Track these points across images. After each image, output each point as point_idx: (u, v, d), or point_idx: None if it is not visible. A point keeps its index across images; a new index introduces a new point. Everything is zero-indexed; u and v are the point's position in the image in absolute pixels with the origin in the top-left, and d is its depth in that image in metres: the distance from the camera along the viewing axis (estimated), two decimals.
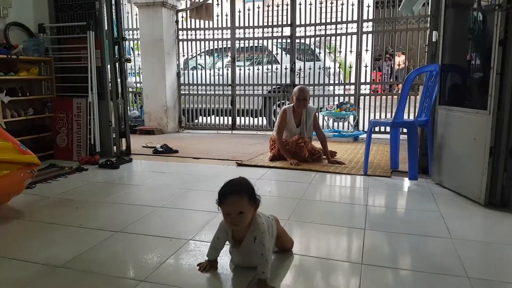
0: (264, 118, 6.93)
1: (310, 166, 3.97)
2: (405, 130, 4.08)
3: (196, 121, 7.21)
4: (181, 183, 3.42)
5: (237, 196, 1.60)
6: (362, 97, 6.29)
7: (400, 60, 10.57)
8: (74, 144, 4.30)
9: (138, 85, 7.62)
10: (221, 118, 6.99)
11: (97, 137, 4.31)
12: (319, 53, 6.64)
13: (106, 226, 2.37)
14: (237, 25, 6.67)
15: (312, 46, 6.63)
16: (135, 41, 7.56)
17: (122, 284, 1.70)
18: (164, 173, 3.85)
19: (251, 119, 6.88)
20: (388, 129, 5.94)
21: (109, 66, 4.39)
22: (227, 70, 6.90)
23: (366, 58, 6.60)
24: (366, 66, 6.31)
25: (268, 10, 6.79)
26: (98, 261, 1.92)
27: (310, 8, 6.32)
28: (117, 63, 4.45)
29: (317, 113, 4.49)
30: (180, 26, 6.97)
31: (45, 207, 2.77)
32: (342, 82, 6.52)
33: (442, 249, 2.07)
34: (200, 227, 2.33)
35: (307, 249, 2.07)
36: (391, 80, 6.77)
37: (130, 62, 5.94)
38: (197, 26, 6.90)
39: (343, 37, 6.19)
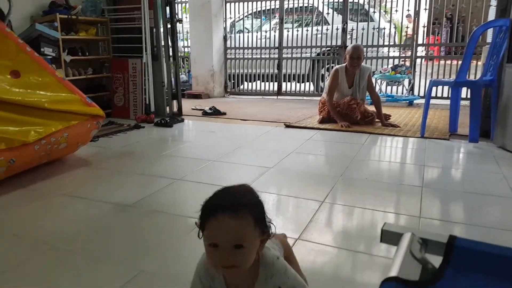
0: (311, 83, 6.90)
1: (362, 128, 3.96)
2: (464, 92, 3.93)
3: (242, 86, 7.32)
4: (231, 141, 3.57)
5: (234, 216, 0.84)
6: (418, 60, 6.06)
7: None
8: (130, 103, 4.57)
9: (186, 49, 7.81)
10: (267, 83, 7.04)
11: (152, 97, 4.55)
12: (374, 12, 6.42)
13: (166, 175, 2.57)
14: None
15: (366, 6, 6.42)
16: (183, 4, 7.69)
17: (184, 223, 1.88)
18: (214, 132, 4.02)
19: (298, 84, 6.87)
20: (446, 94, 5.72)
21: (161, 27, 4.55)
22: (274, 32, 6.88)
23: (424, 18, 6.29)
24: (424, 27, 6.03)
25: None
26: (162, 203, 2.12)
27: None
28: (168, 24, 4.60)
29: (371, 73, 4.42)
30: None
31: (109, 157, 3.04)
32: (397, 43, 6.30)
33: (507, 208, 2.05)
34: (252, 179, 2.46)
35: (363, 203, 2.13)
36: (451, 42, 6.40)
37: (181, 23, 6.07)
38: None
39: None
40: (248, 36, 7.04)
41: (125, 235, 1.78)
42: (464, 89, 4.07)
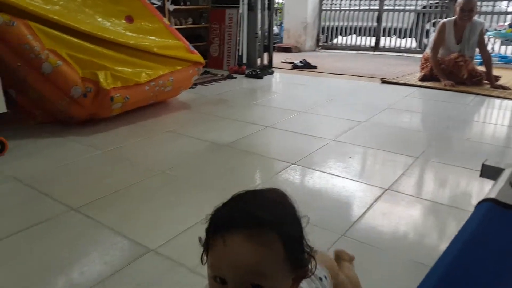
0: (413, 39, 6.44)
1: (468, 88, 3.67)
2: None
3: (335, 40, 7.11)
4: (321, 94, 3.59)
5: (251, 237, 0.55)
6: None
7: None
8: (224, 54, 4.78)
9: (280, 0, 7.75)
10: (363, 38, 6.73)
11: (244, 49, 4.70)
12: None
13: (257, 122, 2.72)
14: None
15: None
16: None
17: (275, 164, 2.02)
18: (304, 85, 4.06)
19: (398, 40, 6.46)
20: None
21: None
22: None
23: None
24: None
25: None
26: (254, 145, 2.29)
27: None
28: None
29: (484, 30, 4.00)
30: None
31: (206, 103, 3.28)
32: None
33: None
34: (342, 131, 2.50)
35: (462, 163, 2.06)
36: None
37: None
38: None
39: None
40: None
41: (219, 168, 1.99)
42: None
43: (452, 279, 0.44)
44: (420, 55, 4.38)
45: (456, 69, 3.83)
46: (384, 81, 4.08)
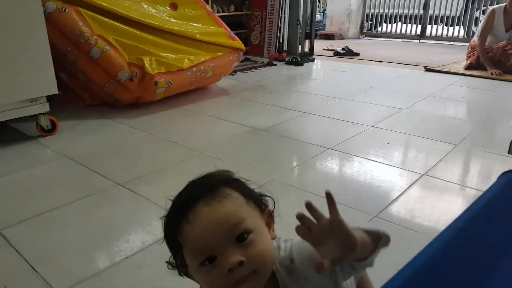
0: (461, 27, 6.15)
1: None
2: None
3: (379, 28, 6.92)
4: (362, 82, 3.55)
5: (215, 197, 0.58)
6: None
7: None
8: (265, 41, 4.81)
9: None
10: (408, 25, 6.51)
11: (285, 36, 4.70)
12: None
13: (295, 108, 2.75)
14: None
15: None
16: None
17: (311, 148, 2.05)
18: (344, 72, 4.02)
19: (445, 27, 6.19)
20: None
21: None
22: None
23: None
24: None
25: None
26: (291, 130, 2.33)
27: None
28: None
29: None
30: None
31: (245, 89, 3.35)
32: None
33: None
34: (381, 118, 2.47)
35: (505, 151, 2.00)
36: None
37: None
38: None
39: None
40: None
41: (258, 151, 2.05)
42: None
43: (463, 241, 0.46)
44: (468, 44, 4.19)
45: (504, 58, 3.65)
46: (428, 69, 3.95)
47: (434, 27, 6.29)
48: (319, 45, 5.68)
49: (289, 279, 0.60)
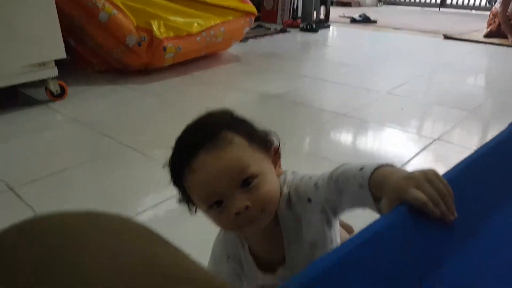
0: None
1: None
2: None
3: None
4: (378, 49, 3.47)
5: (218, 144, 0.57)
6: None
7: None
8: (279, 7, 4.70)
9: None
10: None
11: (300, 2, 4.58)
12: None
13: (308, 74, 2.71)
14: None
15: None
16: None
17: (323, 114, 2.03)
18: (361, 39, 3.93)
19: None
20: None
21: None
22: None
23: None
24: None
25: None
26: (304, 97, 2.30)
27: None
28: None
29: None
30: None
31: (257, 56, 3.30)
32: None
33: None
34: (396, 85, 2.41)
35: None
36: None
37: None
38: None
39: None
40: None
41: (270, 118, 2.02)
42: None
43: (465, 181, 0.46)
44: (489, 12, 4.03)
45: None
46: (447, 37, 3.83)
47: None
48: (335, 12, 5.52)
49: (288, 215, 0.61)
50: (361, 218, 0.53)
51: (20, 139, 1.77)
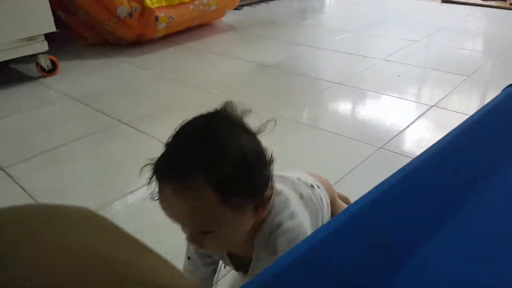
0: None
1: None
2: None
3: None
4: (375, 14, 3.40)
5: (180, 190, 0.52)
6: None
7: None
8: None
9: None
10: None
11: None
12: None
13: (305, 42, 2.66)
14: None
15: None
16: None
17: (320, 84, 2.01)
18: (358, 4, 3.83)
19: None
20: None
21: None
22: None
23: None
24: None
25: None
26: (301, 66, 2.27)
27: None
28: None
29: None
30: None
31: (253, 24, 3.23)
32: None
33: None
34: (393, 51, 2.39)
35: None
36: None
37: None
38: None
39: None
40: None
41: (266, 88, 2.01)
42: None
43: (458, 146, 0.46)
44: None
45: None
46: (444, 1, 3.74)
47: None
48: None
49: (263, 242, 0.63)
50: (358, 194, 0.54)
51: (11, 117, 1.76)
